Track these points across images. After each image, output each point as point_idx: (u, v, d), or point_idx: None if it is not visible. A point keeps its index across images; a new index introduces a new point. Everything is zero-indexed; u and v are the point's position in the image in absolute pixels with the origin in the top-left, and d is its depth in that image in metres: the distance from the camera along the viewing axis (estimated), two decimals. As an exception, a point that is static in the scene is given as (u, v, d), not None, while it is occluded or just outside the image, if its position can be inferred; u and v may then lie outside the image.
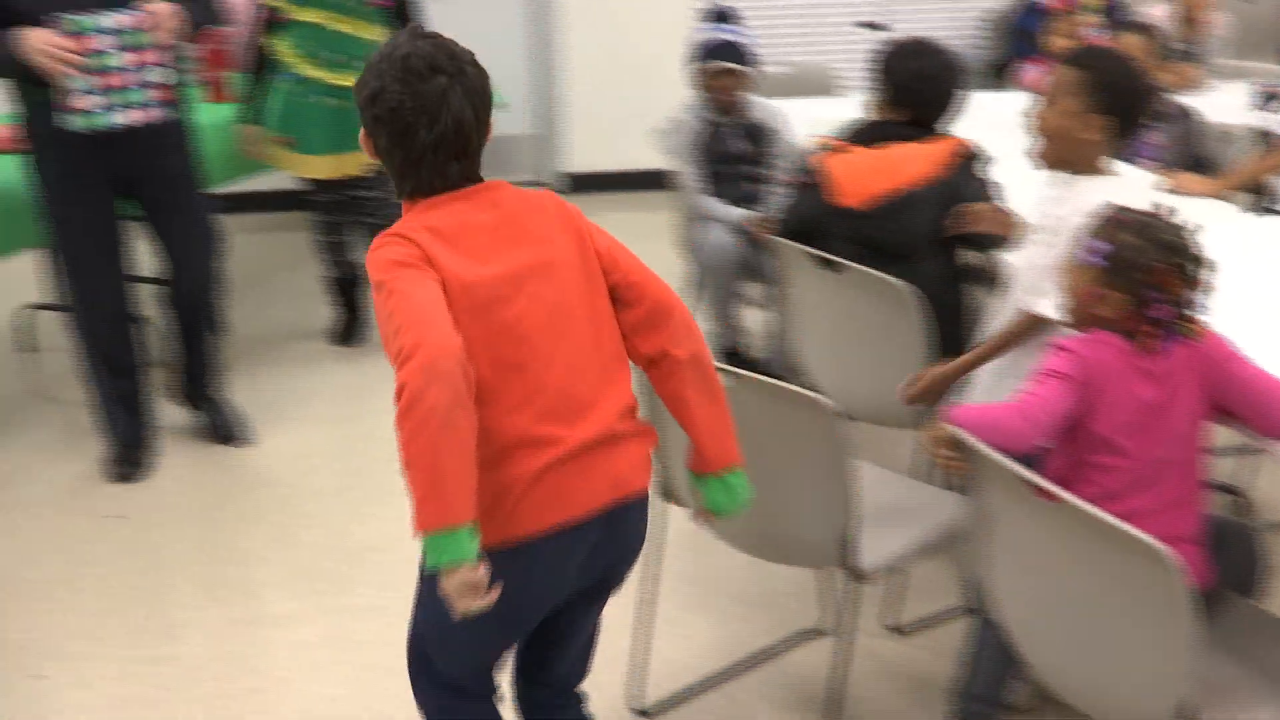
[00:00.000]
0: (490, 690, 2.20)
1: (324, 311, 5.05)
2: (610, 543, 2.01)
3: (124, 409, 3.82)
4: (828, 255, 3.03)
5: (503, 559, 1.85)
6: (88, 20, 3.23)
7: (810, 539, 2.45)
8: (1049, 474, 2.08)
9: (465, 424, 1.76)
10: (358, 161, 4.43)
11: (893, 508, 2.66)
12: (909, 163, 3.19)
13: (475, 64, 1.94)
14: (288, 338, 4.96)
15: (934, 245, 3.19)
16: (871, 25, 6.90)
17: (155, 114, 3.43)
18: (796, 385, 2.35)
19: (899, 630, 3.04)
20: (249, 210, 6.24)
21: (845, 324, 3.11)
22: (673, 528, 2.86)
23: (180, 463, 3.92)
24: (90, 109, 3.29)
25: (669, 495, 2.62)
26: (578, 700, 2.32)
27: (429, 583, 2.01)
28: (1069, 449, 2.20)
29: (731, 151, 4.24)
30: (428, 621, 2.12)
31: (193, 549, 3.46)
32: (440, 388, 1.72)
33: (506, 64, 6.77)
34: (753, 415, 2.32)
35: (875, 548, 2.46)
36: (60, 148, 3.45)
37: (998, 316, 2.79)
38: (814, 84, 5.51)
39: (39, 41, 3.21)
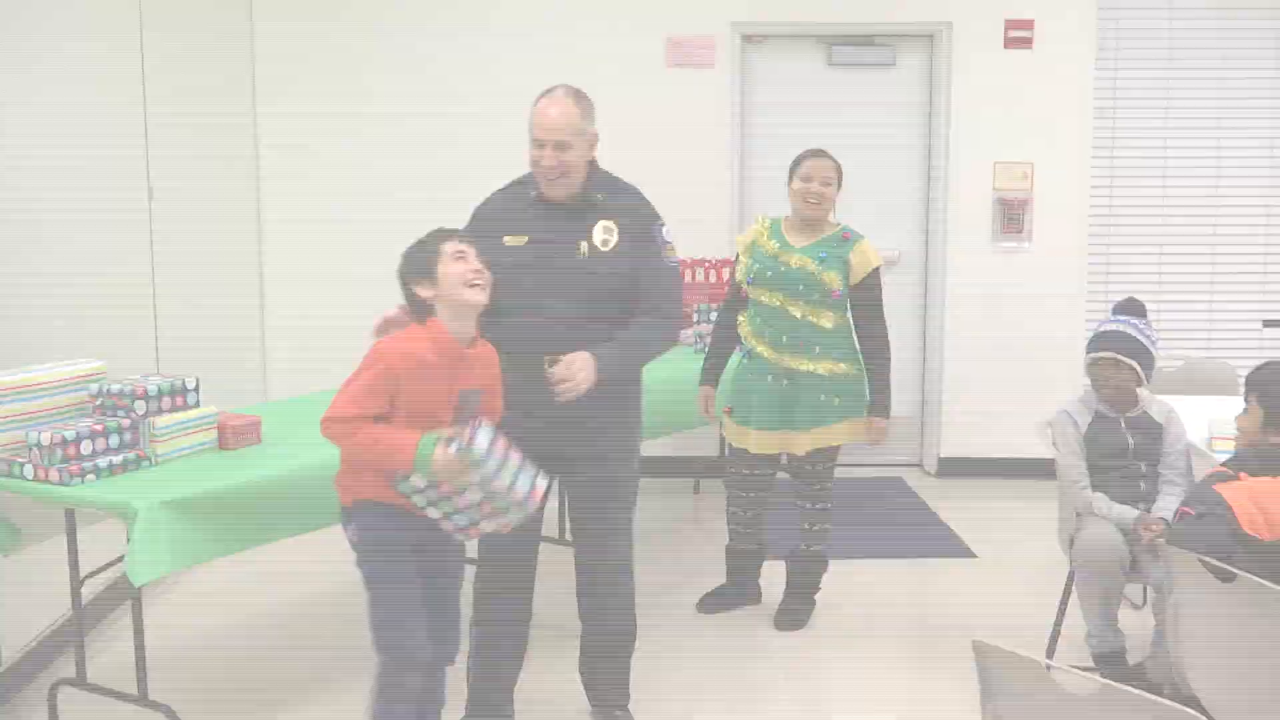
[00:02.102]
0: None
1: (703, 580, 5.08)
2: None
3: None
4: (1224, 566, 2.89)
5: None
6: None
7: None
8: None
9: None
10: (791, 444, 4.56)
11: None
12: None
13: None
14: (658, 598, 4.98)
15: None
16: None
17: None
18: (1173, 698, 2.21)
19: None
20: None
21: (1237, 637, 2.92)
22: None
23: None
24: None
25: None
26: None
27: None
28: None
29: (1119, 446, 4.12)
30: None
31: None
32: None
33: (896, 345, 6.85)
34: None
35: None
36: None
37: None
38: (1212, 382, 5.30)
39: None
